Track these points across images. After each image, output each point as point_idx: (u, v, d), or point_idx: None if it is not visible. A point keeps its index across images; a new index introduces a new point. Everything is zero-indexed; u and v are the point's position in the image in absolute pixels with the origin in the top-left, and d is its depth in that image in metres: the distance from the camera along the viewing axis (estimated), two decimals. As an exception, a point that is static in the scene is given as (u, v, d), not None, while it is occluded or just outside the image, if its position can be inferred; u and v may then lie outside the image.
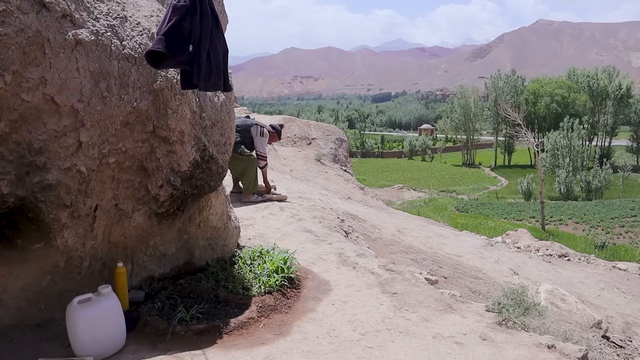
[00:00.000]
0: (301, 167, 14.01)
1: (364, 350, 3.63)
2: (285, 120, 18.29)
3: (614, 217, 46.13)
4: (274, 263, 4.59)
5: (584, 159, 71.07)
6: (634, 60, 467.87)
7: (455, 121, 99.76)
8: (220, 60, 3.32)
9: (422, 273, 5.30)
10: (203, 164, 4.23)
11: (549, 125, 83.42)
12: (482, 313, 4.43)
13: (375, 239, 7.30)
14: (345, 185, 13.80)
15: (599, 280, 11.16)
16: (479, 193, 66.57)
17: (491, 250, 9.72)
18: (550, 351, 3.90)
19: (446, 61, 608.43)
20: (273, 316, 4.10)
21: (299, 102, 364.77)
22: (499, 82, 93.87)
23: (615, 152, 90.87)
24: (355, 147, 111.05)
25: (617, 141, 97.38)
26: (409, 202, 51.03)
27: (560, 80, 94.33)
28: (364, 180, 59.82)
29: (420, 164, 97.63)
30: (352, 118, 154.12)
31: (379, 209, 11.95)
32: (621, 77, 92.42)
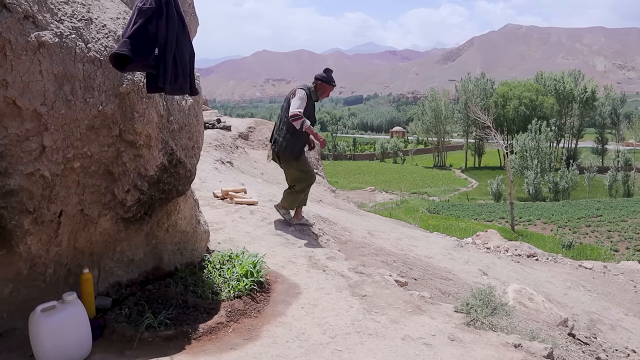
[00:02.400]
0: (272, 170, 13.94)
1: (333, 353, 3.64)
2: (257, 123, 18.21)
3: (580, 217, 47.23)
4: (244, 267, 4.57)
5: (551, 160, 72.68)
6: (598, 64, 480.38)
7: (427, 123, 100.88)
8: (187, 63, 3.30)
9: (392, 275, 5.34)
10: (171, 168, 4.18)
11: (518, 127, 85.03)
12: (451, 314, 4.48)
13: (346, 241, 7.32)
14: (317, 188, 13.79)
15: (566, 279, 11.40)
16: (450, 195, 67.38)
17: (461, 251, 9.85)
18: (517, 350, 3.97)
19: (417, 64, 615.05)
20: (242, 321, 4.08)
21: (271, 104, 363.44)
22: (469, 85, 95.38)
23: (581, 153, 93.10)
24: (327, 150, 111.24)
25: (583, 143, 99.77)
26: (381, 204, 51.35)
27: (528, 84, 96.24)
28: (336, 183, 60.01)
29: (392, 166, 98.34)
30: (324, 121, 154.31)
31: (350, 212, 11.99)
32: (586, 81, 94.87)
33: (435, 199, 62.41)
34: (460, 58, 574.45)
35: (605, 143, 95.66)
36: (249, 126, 17.70)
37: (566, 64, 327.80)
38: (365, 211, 16.32)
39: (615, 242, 39.29)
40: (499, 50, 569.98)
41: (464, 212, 49.82)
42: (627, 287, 11.95)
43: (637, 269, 14.79)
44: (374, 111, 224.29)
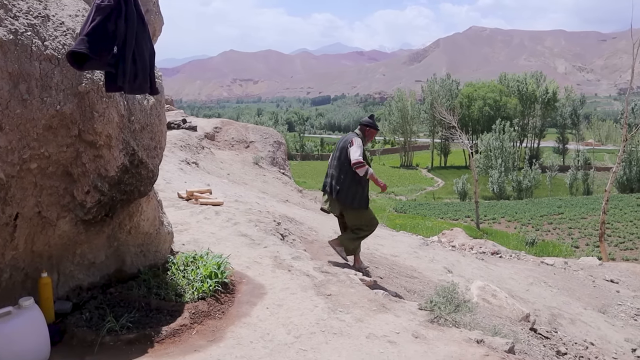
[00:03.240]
0: (239, 170, 13.89)
1: (298, 353, 3.64)
2: (223, 124, 18.11)
3: (542, 214, 48.42)
4: (208, 268, 4.53)
5: (515, 159, 74.30)
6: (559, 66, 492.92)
7: (393, 124, 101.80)
8: (147, 62, 3.25)
9: (357, 274, 5.37)
10: (132, 169, 4.11)
11: (482, 127, 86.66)
12: (415, 311, 4.54)
13: (312, 241, 7.33)
14: (283, 188, 13.79)
15: (528, 276, 11.65)
16: (416, 194, 68.17)
17: (426, 249, 9.97)
18: (479, 346, 4.04)
19: (384, 65, 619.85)
20: (206, 322, 4.04)
21: (239, 105, 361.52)
22: (435, 85, 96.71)
23: (543, 153, 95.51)
24: (295, 150, 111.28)
25: (545, 143, 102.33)
26: (349, 204, 51.41)
27: (492, 85, 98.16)
28: (304, 183, 60.02)
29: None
30: (291, 121, 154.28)
31: (316, 212, 12.01)
32: (548, 82, 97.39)
33: (402, 198, 63.07)
34: (426, 59, 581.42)
35: (566, 143, 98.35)
36: (215, 126, 17.58)
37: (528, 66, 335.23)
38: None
39: (576, 238, 40.41)
40: (464, 52, 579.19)
41: (431, 211, 50.49)
42: (587, 282, 12.29)
43: (595, 265, 15.25)
44: (342, 111, 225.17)
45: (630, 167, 67.99)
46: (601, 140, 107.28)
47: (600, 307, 10.67)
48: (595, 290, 11.92)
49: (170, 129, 15.47)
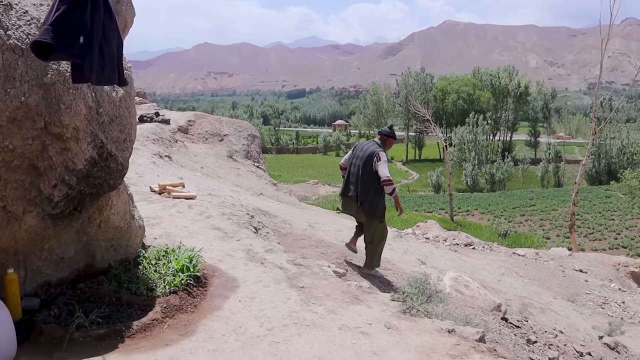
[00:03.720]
0: (212, 164, 13.78)
1: (270, 345, 3.64)
2: (197, 117, 17.92)
3: (515, 206, 49.20)
4: (180, 262, 4.49)
5: (488, 153, 75.30)
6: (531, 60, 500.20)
7: (368, 117, 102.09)
8: (114, 53, 3.18)
9: (331, 266, 5.38)
10: (101, 162, 4.04)
11: (456, 120, 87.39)
12: (388, 302, 4.57)
13: (286, 234, 7.32)
14: (258, 182, 13.74)
15: (500, 266, 11.84)
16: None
17: (400, 241, 10.05)
18: (450, 335, 4.10)
19: (359, 58, 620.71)
20: (178, 316, 4.01)
21: (213, 98, 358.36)
22: (410, 79, 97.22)
23: (515, 146, 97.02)
24: (270, 144, 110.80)
25: (517, 136, 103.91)
26: (324, 197, 51.66)
27: (466, 78, 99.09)
28: (279, 177, 59.85)
29: (334, 159, 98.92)
30: (266, 114, 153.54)
31: (290, 205, 12.00)
32: (520, 76, 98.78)
33: (377, 191, 63.24)
34: (401, 53, 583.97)
35: (538, 136, 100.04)
36: (189, 119, 17.39)
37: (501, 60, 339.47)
38: (306, 204, 16.38)
39: (547, 230, 41.18)
40: (438, 46, 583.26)
41: (405, 204, 50.85)
42: (556, 272, 12.55)
43: (565, 255, 15.58)
44: (317, 105, 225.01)
45: (599, 160, 69.51)
46: (571, 133, 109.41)
47: (570, 296, 10.91)
48: (565, 280, 12.18)
49: (143, 122, 15.26)
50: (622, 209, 43.89)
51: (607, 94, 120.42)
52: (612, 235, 39.44)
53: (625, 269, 14.64)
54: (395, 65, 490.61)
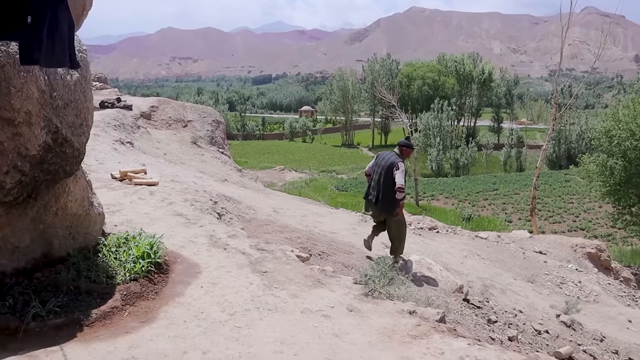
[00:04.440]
0: (176, 150, 13.59)
1: (232, 330, 3.63)
2: (160, 103, 17.61)
3: (478, 191, 50.11)
4: (140, 249, 4.43)
5: (452, 138, 76.29)
6: (495, 47, 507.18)
7: (335, 103, 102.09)
8: (65, 34, 3.07)
9: (294, 251, 5.39)
10: (56, 147, 3.93)
11: (421, 106, 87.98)
12: (350, 286, 4.61)
13: (250, 219, 7.29)
14: (222, 168, 13.62)
15: (463, 249, 12.06)
16: (358, 172, 68.82)
17: (365, 226, 10.11)
18: (411, 316, 4.16)
19: (325, 44, 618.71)
20: (139, 303, 3.96)
21: (178, 84, 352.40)
22: (376, 65, 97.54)
23: (479, 131, 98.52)
24: (236, 130, 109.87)
25: (481, 121, 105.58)
26: (291, 183, 51.61)
27: (431, 65, 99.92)
28: (245, 163, 59.46)
29: (301, 145, 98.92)
30: (232, 100, 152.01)
31: (255, 190, 11.95)
32: (484, 63, 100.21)
33: (343, 176, 63.60)
34: (367, 39, 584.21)
35: (501, 122, 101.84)
36: (152, 105, 17.08)
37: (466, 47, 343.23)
38: (271, 190, 16.34)
39: (510, 213, 42.13)
40: (404, 32, 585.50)
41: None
42: (517, 254, 12.86)
43: (526, 237, 15.96)
44: (283, 91, 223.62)
45: (559, 145, 71.25)
46: (533, 119, 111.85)
47: (529, 277, 11.20)
48: (525, 261, 12.49)
49: (104, 108, 14.92)
50: (581, 193, 45.16)
51: (567, 80, 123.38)
52: (571, 218, 40.62)
53: (582, 250, 15.09)
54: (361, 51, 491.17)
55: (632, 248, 31.72)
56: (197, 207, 6.36)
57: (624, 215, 25.44)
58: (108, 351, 3.30)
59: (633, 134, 21.97)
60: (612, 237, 35.11)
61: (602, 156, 24.07)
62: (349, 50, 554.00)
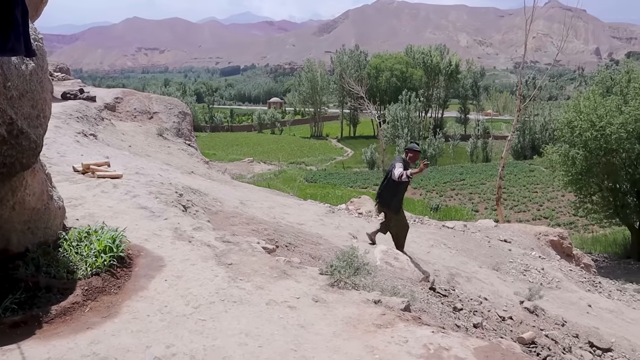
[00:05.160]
0: (141, 142, 13.36)
1: (196, 323, 3.60)
2: (124, 94, 17.27)
3: (446, 181, 50.80)
4: (102, 243, 4.33)
5: (420, 129, 77.07)
6: (462, 39, 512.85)
7: (303, 94, 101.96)
8: (19, 21, 2.97)
9: (260, 242, 5.37)
10: (11, 140, 3.81)
11: (390, 98, 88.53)
12: (316, 276, 4.61)
13: (217, 212, 7.22)
14: (189, 160, 13.46)
15: (429, 239, 12.22)
16: (326, 164, 69.09)
17: (332, 217, 10.15)
18: (376, 306, 4.19)
19: (294, 35, 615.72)
20: (101, 298, 3.88)
21: (144, 75, 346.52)
22: (344, 56, 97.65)
23: (446, 122, 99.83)
24: (204, 122, 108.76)
25: (448, 113, 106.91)
26: (260, 175, 51.43)
27: (399, 56, 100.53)
28: (213, 155, 58.93)
29: (269, 137, 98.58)
30: (200, 92, 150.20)
31: (222, 182, 11.85)
32: (451, 55, 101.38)
33: (312, 168, 63.69)
34: (336, 30, 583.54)
35: (468, 113, 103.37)
36: (116, 97, 16.74)
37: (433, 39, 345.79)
38: (239, 182, 16.23)
39: (476, 203, 42.85)
40: (372, 24, 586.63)
41: (340, 180, 51.44)
42: (483, 242, 13.11)
43: (491, 226, 16.28)
44: (252, 82, 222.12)
45: (524, 136, 72.69)
46: (499, 110, 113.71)
47: (494, 265, 11.44)
48: (490, 249, 12.74)
49: (66, 99, 14.56)
50: (545, 182, 46.22)
51: (532, 72, 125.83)
52: (535, 207, 41.56)
53: (545, 238, 15.48)
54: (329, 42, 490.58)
55: (592, 235, 32.69)
56: (162, 200, 6.26)
57: (585, 204, 26.16)
58: (68, 348, 3.23)
59: (593, 125, 22.55)
60: (574, 225, 36.10)
61: (565, 146, 24.66)
62: (317, 41, 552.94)
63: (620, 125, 21.95)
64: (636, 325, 10.67)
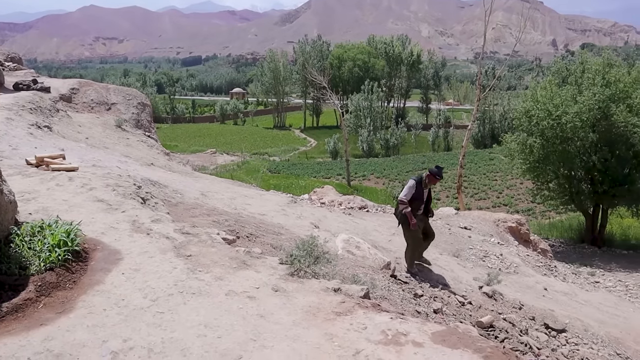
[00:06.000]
0: (99, 134, 13.05)
1: (154, 316, 3.56)
2: (81, 85, 16.78)
3: (408, 170, 51.40)
4: (56, 237, 4.23)
5: (383, 119, 77.70)
6: (424, 30, 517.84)
7: (266, 85, 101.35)
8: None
9: (220, 233, 5.33)
10: (-44, 131, 3.68)
11: (352, 88, 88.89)
12: (276, 266, 4.62)
13: (177, 203, 7.13)
14: (149, 152, 13.22)
15: (391, 227, 12.34)
16: (290, 154, 69.00)
17: (294, 207, 10.16)
18: (336, 294, 4.23)
19: (256, 25, 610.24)
20: (55, 294, 3.80)
21: (103, 65, 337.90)
22: (306, 46, 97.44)
23: (408, 112, 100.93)
24: (165, 113, 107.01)
25: (410, 102, 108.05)
26: (223, 167, 50.99)
27: (361, 46, 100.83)
28: (175, 147, 58.12)
29: (232, 128, 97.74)
30: (161, 82, 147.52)
31: (183, 174, 11.70)
32: (412, 45, 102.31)
33: (275, 158, 63.52)
34: (298, 20, 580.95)
35: (429, 103, 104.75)
36: (72, 87, 16.26)
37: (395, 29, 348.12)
38: (201, 173, 16.04)
39: (438, 191, 43.48)
40: (335, 14, 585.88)
41: (304, 171, 51.48)
42: (443, 230, 13.33)
43: (452, 214, 16.59)
44: (213, 72, 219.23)
45: (484, 125, 74.05)
46: (460, 100, 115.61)
47: (455, 251, 11.66)
48: (451, 236, 12.98)
49: (18, 90, 14.07)
50: (504, 170, 47.23)
51: (491, 63, 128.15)
52: (495, 194, 42.51)
53: (504, 224, 15.85)
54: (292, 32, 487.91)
55: (549, 221, 33.66)
56: (119, 193, 6.14)
57: (542, 191, 26.86)
58: (20, 345, 3.15)
59: (550, 114, 23.13)
60: (532, 211, 37.10)
61: (523, 135, 25.21)
62: (280, 31, 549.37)
63: (575, 115, 22.57)
64: (589, 307, 11.08)
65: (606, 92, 22.53)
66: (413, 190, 8.12)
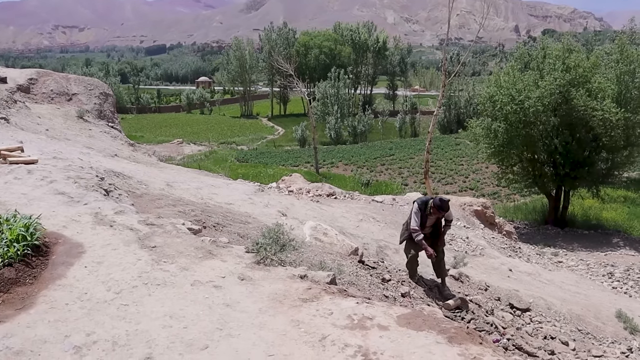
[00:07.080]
0: (60, 125, 12.74)
1: (119, 309, 3.51)
2: (39, 75, 16.31)
3: (376, 157, 51.74)
4: (14, 232, 4.12)
5: (350, 106, 77.83)
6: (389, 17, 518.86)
7: (232, 73, 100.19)
8: None
9: (186, 223, 5.28)
10: None
11: (319, 75, 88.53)
12: (242, 255, 4.60)
13: (141, 195, 7.03)
14: (112, 143, 12.97)
15: (359, 213, 12.46)
16: (257, 143, 68.62)
17: (262, 195, 10.13)
18: (302, 281, 4.24)
19: (221, 12, 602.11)
20: (15, 290, 3.71)
21: (63, 55, 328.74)
22: (272, 34, 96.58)
23: (375, 99, 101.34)
24: (129, 103, 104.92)
25: (377, 89, 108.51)
26: (190, 157, 50.43)
27: (327, 34, 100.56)
28: (141, 137, 57.15)
29: (199, 117, 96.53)
30: (125, 72, 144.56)
31: (148, 165, 11.53)
32: (378, 32, 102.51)
33: (243, 147, 63.09)
34: (264, 7, 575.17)
35: (396, 89, 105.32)
36: (31, 77, 15.79)
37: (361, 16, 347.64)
38: (166, 164, 15.83)
39: (406, 177, 43.97)
40: (301, 1, 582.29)
41: (272, 159, 51.29)
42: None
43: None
44: (179, 61, 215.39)
45: (449, 111, 74.91)
46: (426, 86, 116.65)
47: (422, 236, 11.80)
48: (418, 222, 13.13)
49: (-27, 81, 13.62)
50: (470, 155, 48.00)
51: (456, 49, 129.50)
52: (461, 178, 43.17)
53: (470, 208, 16.14)
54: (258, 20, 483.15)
55: (514, 204, 34.42)
56: (81, 185, 6.01)
57: (507, 175, 27.44)
58: (-23, 343, 3.07)
59: (513, 99, 23.56)
60: (497, 195, 37.83)
61: (487, 120, 25.65)
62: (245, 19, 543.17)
63: (537, 99, 23.06)
64: (551, 286, 11.40)
65: (566, 76, 23.07)
66: (418, 216, 7.80)
